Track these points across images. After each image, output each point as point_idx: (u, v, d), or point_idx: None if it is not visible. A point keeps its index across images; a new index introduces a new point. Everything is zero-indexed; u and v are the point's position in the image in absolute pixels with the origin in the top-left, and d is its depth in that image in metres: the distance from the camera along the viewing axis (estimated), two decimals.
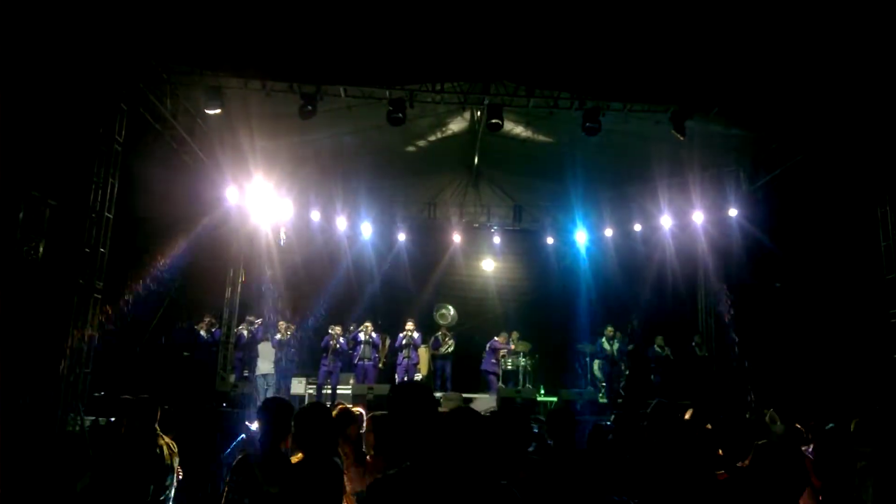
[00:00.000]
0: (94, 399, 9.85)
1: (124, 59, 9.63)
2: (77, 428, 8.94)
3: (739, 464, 4.88)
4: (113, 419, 6.82)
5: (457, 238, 16.79)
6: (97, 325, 9.70)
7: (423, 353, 15.00)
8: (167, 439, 5.13)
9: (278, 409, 4.03)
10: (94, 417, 9.65)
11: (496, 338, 15.05)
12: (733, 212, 13.82)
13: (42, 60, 8.46)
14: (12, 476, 4.30)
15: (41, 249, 9.65)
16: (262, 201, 14.47)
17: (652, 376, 14.20)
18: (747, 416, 7.65)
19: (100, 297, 9.73)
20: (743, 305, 14.15)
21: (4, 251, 9.02)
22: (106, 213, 9.78)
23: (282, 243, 14.99)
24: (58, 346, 9.10)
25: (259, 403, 4.69)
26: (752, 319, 13.70)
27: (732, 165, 14.04)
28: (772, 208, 12.91)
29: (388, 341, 14.81)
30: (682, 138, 10.66)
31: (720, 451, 4.78)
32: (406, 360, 13.63)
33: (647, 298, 15.81)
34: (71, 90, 9.10)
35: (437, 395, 13.79)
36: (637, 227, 15.87)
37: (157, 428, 5.11)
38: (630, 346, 14.81)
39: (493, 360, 14.74)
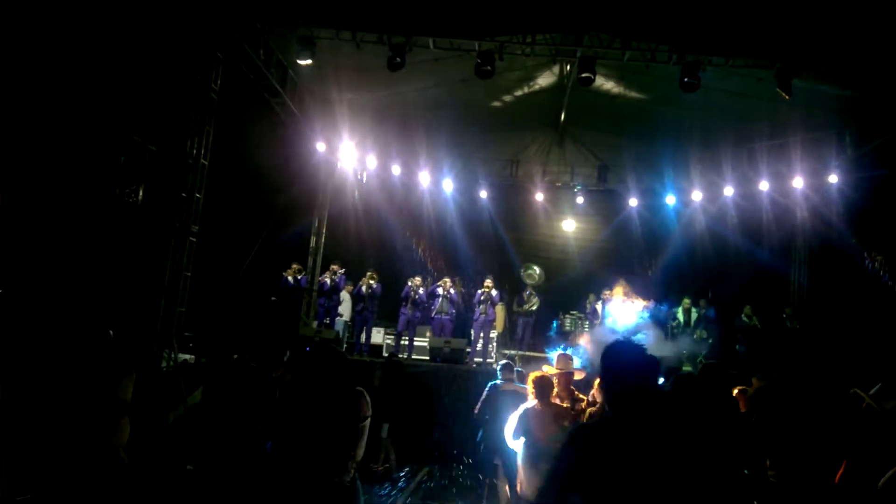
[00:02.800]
0: (184, 338, 10.37)
1: (220, 9, 9.82)
2: (172, 364, 9.45)
3: None
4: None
5: (539, 197, 16.55)
6: (192, 266, 10.14)
7: (500, 311, 15.01)
8: None
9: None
10: (185, 356, 10.19)
11: None
12: (834, 178, 13.02)
13: (142, 12, 8.72)
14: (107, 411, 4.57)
15: (141, 193, 10.12)
16: (348, 153, 14.67)
17: (737, 346, 13.70)
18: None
19: (195, 240, 10.15)
20: (839, 278, 13.40)
21: (107, 194, 9.51)
22: (202, 160, 10.13)
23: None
24: (155, 285, 9.60)
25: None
26: (850, 293, 12.97)
27: (836, 129, 13.16)
28: (878, 175, 12.06)
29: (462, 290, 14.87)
30: (787, 97, 10.03)
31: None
32: (483, 315, 13.65)
33: (735, 266, 15.19)
34: (170, 40, 9.38)
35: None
36: (729, 192, 15.18)
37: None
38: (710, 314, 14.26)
39: None
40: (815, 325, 14.09)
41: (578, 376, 6.46)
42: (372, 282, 13.56)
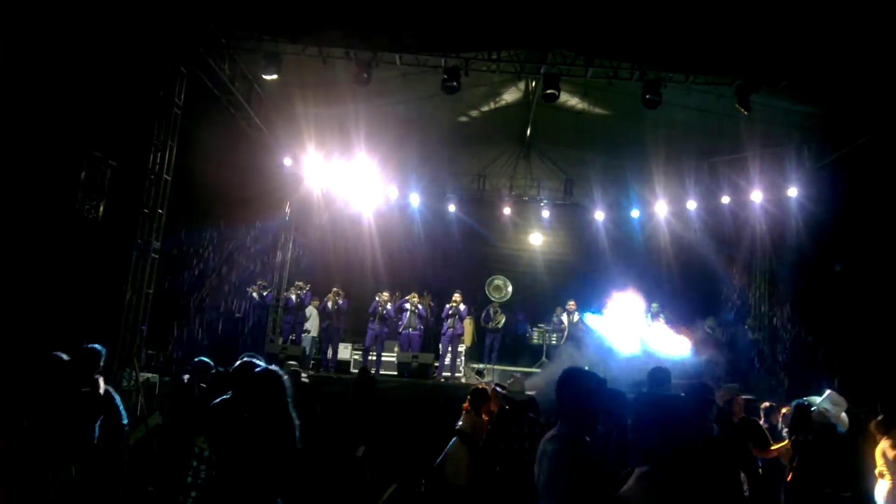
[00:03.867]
0: (147, 357, 10.16)
1: (185, 23, 9.73)
2: (132, 384, 9.23)
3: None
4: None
5: (506, 211, 16.66)
6: (153, 283, 9.95)
7: (468, 325, 15.03)
8: None
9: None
10: (147, 374, 9.97)
11: None
12: (793, 191, 13.33)
13: (104, 24, 8.58)
14: (64, 431, 4.46)
15: (101, 209, 9.91)
16: (314, 168, 14.59)
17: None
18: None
19: (157, 256, 9.98)
20: (800, 288, 13.70)
21: (66, 210, 9.29)
22: (165, 175, 9.99)
23: None
24: (116, 302, 9.39)
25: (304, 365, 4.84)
26: (810, 302, 13.26)
27: (795, 143, 13.49)
28: (836, 189, 12.37)
29: (431, 304, 14.84)
30: (746, 113, 10.26)
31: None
32: (451, 329, 13.64)
33: (698, 277, 15.44)
34: (132, 53, 9.24)
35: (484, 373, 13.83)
36: (692, 205, 15.45)
37: None
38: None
39: None
40: (773, 335, 14.40)
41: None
42: (338, 298, 13.48)
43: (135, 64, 9.38)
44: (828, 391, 5.92)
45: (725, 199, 14.73)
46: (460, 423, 6.06)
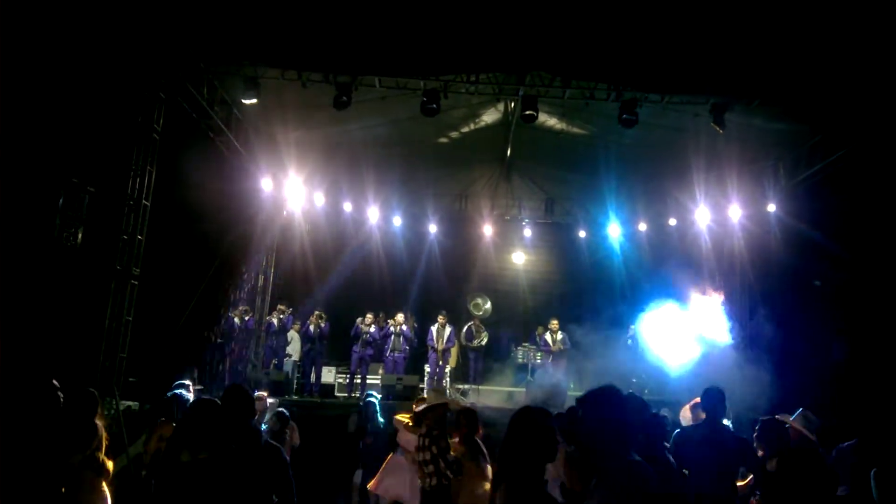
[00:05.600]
0: (128, 384, 10.01)
1: (163, 49, 9.73)
2: (112, 412, 9.09)
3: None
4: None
5: (488, 231, 16.72)
6: (133, 310, 9.84)
7: (454, 346, 15.02)
8: None
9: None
10: (128, 403, 9.82)
11: None
12: (772, 207, 13.52)
13: (82, 50, 8.57)
14: (45, 460, 4.37)
15: (80, 236, 9.81)
16: (295, 191, 14.58)
17: None
18: None
19: (136, 283, 9.88)
20: (779, 301, 13.81)
21: (44, 237, 9.19)
22: (144, 201, 9.93)
23: None
24: (95, 330, 9.27)
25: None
26: (789, 315, 13.37)
27: (772, 160, 13.71)
28: (812, 204, 12.55)
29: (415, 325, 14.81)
30: (721, 131, 10.44)
31: None
32: (435, 352, 13.67)
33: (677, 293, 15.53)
34: (111, 79, 9.22)
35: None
36: (672, 222, 15.61)
37: None
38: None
39: None
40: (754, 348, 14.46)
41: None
42: (320, 321, 13.42)
43: (113, 89, 9.35)
44: (801, 409, 5.84)
45: (705, 216, 14.88)
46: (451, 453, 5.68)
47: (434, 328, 13.74)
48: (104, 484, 4.85)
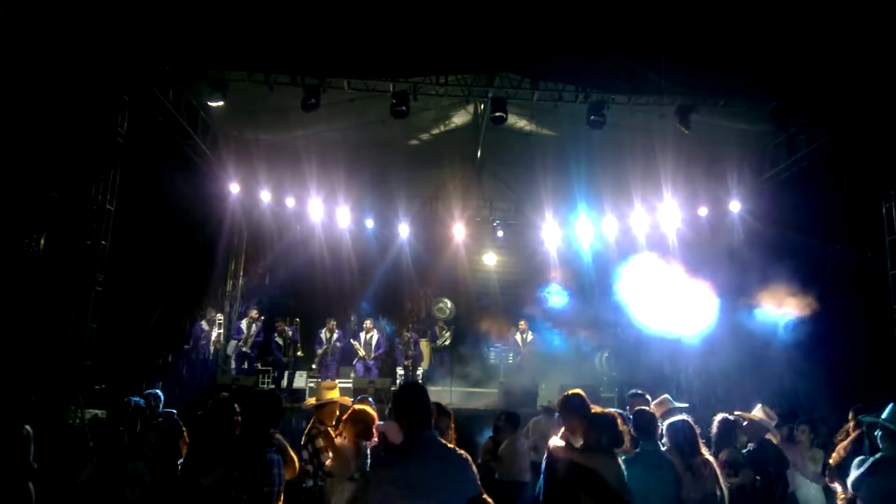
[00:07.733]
0: (94, 392, 9.81)
1: (127, 51, 9.56)
2: (77, 421, 8.90)
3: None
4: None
5: (460, 232, 16.74)
6: (98, 317, 9.66)
7: (425, 346, 15.02)
8: None
9: None
10: (94, 410, 9.62)
11: None
12: (736, 206, 13.75)
13: (44, 53, 8.40)
14: (14, 469, 4.27)
15: (42, 242, 9.60)
16: (264, 195, 14.43)
17: None
18: None
19: (101, 289, 9.69)
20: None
21: (6, 244, 8.97)
22: (108, 206, 9.74)
23: None
24: (59, 338, 9.07)
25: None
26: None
27: (736, 160, 13.94)
28: (777, 203, 12.78)
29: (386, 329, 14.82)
30: (686, 132, 10.59)
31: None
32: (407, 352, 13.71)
33: None
34: (73, 83, 9.04)
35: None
36: (640, 222, 15.75)
37: None
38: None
39: None
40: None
41: None
42: (289, 328, 13.32)
43: (76, 92, 9.17)
44: (759, 405, 5.91)
45: (670, 215, 15.06)
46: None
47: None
48: None
